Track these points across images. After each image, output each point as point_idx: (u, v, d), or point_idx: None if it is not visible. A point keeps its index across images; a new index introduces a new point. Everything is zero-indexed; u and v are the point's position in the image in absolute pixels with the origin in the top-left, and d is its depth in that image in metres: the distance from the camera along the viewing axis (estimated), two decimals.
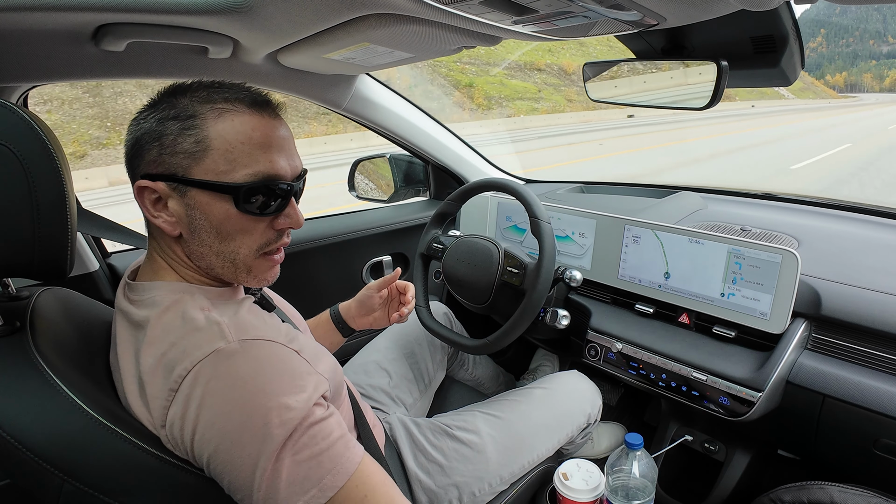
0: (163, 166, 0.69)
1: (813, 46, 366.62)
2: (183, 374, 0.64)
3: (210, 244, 0.73)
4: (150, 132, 0.69)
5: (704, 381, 1.16)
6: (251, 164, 0.70)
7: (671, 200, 1.70)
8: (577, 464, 1.11)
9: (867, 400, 1.00)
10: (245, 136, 0.69)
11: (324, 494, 0.64)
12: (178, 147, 0.68)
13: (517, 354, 2.01)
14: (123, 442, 0.64)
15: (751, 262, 1.16)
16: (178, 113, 0.69)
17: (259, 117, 0.71)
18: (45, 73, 1.03)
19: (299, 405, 0.64)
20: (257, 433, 0.61)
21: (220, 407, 0.62)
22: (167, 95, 0.72)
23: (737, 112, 28.00)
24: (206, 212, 0.70)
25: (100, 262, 1.31)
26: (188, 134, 0.68)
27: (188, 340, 0.66)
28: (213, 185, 0.69)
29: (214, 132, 0.69)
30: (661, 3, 0.73)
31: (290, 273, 1.63)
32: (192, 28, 0.98)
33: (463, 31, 0.94)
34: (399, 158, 1.94)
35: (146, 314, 0.70)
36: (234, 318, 0.72)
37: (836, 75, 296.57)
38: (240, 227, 0.72)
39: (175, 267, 0.76)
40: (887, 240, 1.34)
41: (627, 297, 1.44)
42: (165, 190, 0.70)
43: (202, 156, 0.68)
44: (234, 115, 0.70)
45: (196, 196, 0.70)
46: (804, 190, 8.17)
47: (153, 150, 0.69)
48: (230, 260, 0.74)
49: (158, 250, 0.76)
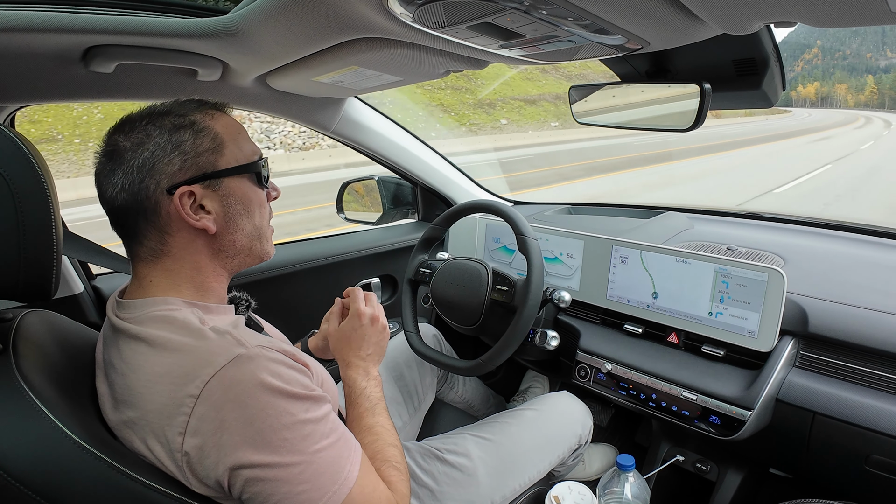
0: (191, 170, 0.74)
1: (808, 58, 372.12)
2: (206, 379, 0.64)
3: (242, 226, 0.80)
4: (162, 148, 0.73)
5: (694, 401, 1.16)
6: (248, 148, 0.81)
7: (658, 221, 1.72)
8: (568, 486, 1.10)
9: (857, 416, 1.00)
10: (235, 128, 0.80)
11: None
12: (200, 149, 0.75)
13: (507, 376, 2.00)
14: (110, 469, 0.62)
15: (738, 280, 1.17)
16: (181, 123, 0.75)
17: (229, 115, 0.83)
18: (34, 94, 1.03)
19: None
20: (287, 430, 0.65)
21: (253, 407, 0.64)
22: (147, 120, 0.75)
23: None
24: (239, 194, 0.79)
25: (85, 285, 1.29)
26: (202, 136, 0.76)
27: (204, 349, 0.67)
28: (239, 168, 0.79)
29: (220, 129, 0.78)
30: (645, 28, 0.74)
31: (279, 295, 1.62)
32: (181, 51, 0.98)
33: (451, 54, 0.95)
34: (387, 180, 1.94)
35: (146, 328, 0.70)
36: (238, 331, 0.72)
37: (807, 86, 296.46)
38: (258, 201, 0.82)
39: (178, 283, 0.77)
40: (872, 257, 1.36)
41: (616, 317, 1.44)
42: (202, 191, 0.75)
43: (222, 149, 0.77)
44: (219, 116, 0.80)
45: (228, 184, 0.78)
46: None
47: (174, 161, 0.73)
48: (257, 235, 0.83)
49: (167, 270, 0.76)
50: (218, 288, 0.81)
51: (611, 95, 1.20)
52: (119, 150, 0.73)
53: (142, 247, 0.76)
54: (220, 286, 0.82)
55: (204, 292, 0.79)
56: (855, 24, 0.63)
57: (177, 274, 0.77)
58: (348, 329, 1.02)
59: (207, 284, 0.79)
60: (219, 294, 0.81)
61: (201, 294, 0.78)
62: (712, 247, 1.46)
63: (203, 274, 0.79)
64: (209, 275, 0.79)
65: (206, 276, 0.79)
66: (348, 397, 0.95)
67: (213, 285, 0.80)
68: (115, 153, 0.73)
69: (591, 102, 1.25)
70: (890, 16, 0.58)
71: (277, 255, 1.62)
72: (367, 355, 1.00)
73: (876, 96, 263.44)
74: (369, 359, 1.00)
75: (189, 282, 0.77)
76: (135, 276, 0.78)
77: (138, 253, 0.77)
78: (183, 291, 0.77)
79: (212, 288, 0.80)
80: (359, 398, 0.93)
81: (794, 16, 0.65)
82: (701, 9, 0.65)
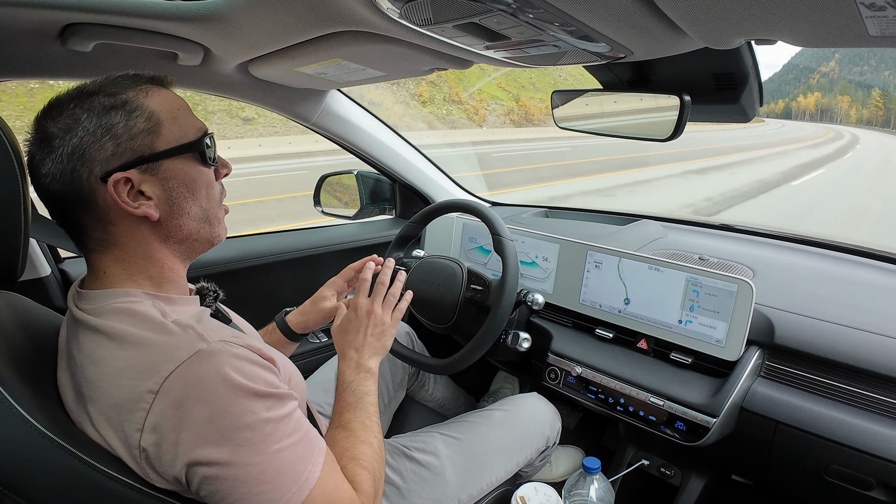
0: (126, 154, 0.70)
1: (825, 72, 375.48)
2: (165, 374, 0.62)
3: (188, 210, 0.76)
4: (92, 133, 0.68)
5: (661, 406, 1.18)
6: (190, 125, 0.76)
7: (633, 228, 1.74)
8: (535, 487, 1.10)
9: (818, 427, 1.03)
10: (174, 104, 0.75)
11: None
12: (133, 131, 0.70)
13: (478, 376, 2.01)
14: (71, 458, 0.60)
15: (708, 290, 1.19)
16: (111, 104, 0.69)
17: (169, 90, 0.77)
18: (7, 70, 1.00)
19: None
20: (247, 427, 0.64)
21: (214, 405, 0.62)
22: (75, 103, 0.69)
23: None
24: (181, 176, 0.74)
25: (52, 268, 1.26)
26: (135, 116, 0.70)
27: (165, 343, 0.65)
28: (179, 148, 0.74)
29: (155, 106, 0.72)
30: (629, 37, 0.75)
31: (251, 286, 1.60)
32: (162, 33, 0.96)
33: (436, 53, 0.95)
34: (366, 175, 1.93)
35: (106, 321, 0.68)
36: (202, 324, 0.70)
37: (808, 96, 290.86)
38: (204, 181, 0.77)
39: (133, 274, 0.74)
40: (839, 272, 1.39)
41: (588, 321, 1.45)
42: (139, 176, 0.70)
43: (158, 129, 0.72)
44: (156, 91, 0.74)
45: (168, 166, 0.73)
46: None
47: (106, 146, 0.68)
48: (205, 218, 0.78)
49: (119, 260, 0.73)
50: (175, 278, 0.78)
51: (592, 102, 1.22)
52: (48, 137, 0.68)
53: (87, 238, 0.73)
54: (177, 275, 0.78)
55: (162, 283, 0.76)
56: (834, 46, 0.65)
57: (130, 264, 0.74)
58: (345, 321, 1.02)
59: (163, 274, 0.76)
60: (178, 284, 0.79)
61: (159, 285, 0.76)
62: (685, 256, 1.48)
63: (156, 264, 0.75)
64: (163, 264, 0.76)
65: (159, 265, 0.76)
66: (336, 388, 0.93)
67: (170, 275, 0.77)
68: (44, 140, 0.68)
69: (573, 108, 1.26)
70: (868, 39, 0.60)
71: (251, 246, 1.60)
72: (362, 346, 0.97)
73: (881, 112, 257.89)
74: (363, 352, 0.97)
75: (143, 272, 0.74)
76: (89, 266, 0.75)
77: (86, 244, 0.74)
78: (140, 283, 0.74)
79: (169, 278, 0.77)
80: (344, 391, 0.91)
81: (775, 34, 0.66)
82: (685, 22, 0.66)
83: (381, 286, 1.04)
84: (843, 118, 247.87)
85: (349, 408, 0.89)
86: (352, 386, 0.92)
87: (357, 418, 0.87)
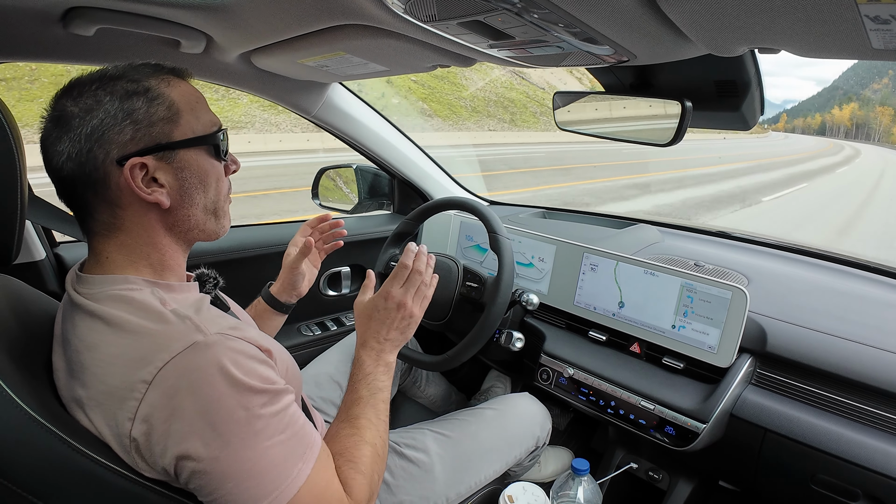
0: (144, 140, 0.70)
1: (877, 88, 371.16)
2: (160, 364, 0.62)
3: (198, 201, 0.77)
4: (113, 115, 0.68)
5: (651, 410, 1.19)
6: (206, 118, 0.77)
7: (630, 232, 1.74)
8: (523, 487, 1.11)
9: (806, 436, 1.03)
10: (193, 96, 0.76)
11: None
12: (153, 118, 0.70)
13: (470, 374, 2.01)
14: (60, 443, 0.60)
15: (702, 296, 1.20)
16: (134, 89, 0.70)
17: (188, 83, 0.78)
18: (9, 52, 0.99)
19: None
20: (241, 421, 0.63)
21: (206, 398, 0.62)
22: (98, 85, 0.69)
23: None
24: (194, 167, 0.75)
25: (47, 252, 1.25)
26: (157, 104, 0.71)
27: (161, 333, 0.65)
28: (196, 139, 0.75)
29: (176, 96, 0.73)
30: (633, 41, 0.75)
31: (249, 276, 1.60)
32: (164, 20, 0.96)
33: (439, 49, 0.95)
34: (365, 170, 1.93)
35: (104, 307, 0.67)
36: (200, 315, 0.70)
37: (843, 108, 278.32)
38: (215, 175, 0.78)
39: (135, 260, 0.74)
40: (832, 283, 1.40)
41: (582, 323, 1.46)
42: (155, 163, 0.71)
43: (177, 118, 0.73)
44: (177, 82, 0.75)
45: (183, 156, 0.74)
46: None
47: (125, 130, 0.69)
48: (212, 210, 0.79)
49: (122, 245, 0.73)
50: (176, 266, 0.78)
51: (594, 105, 1.22)
52: (66, 116, 0.68)
53: (93, 220, 0.72)
54: (178, 263, 0.78)
55: (163, 270, 0.76)
56: (837, 57, 0.65)
57: (133, 250, 0.73)
58: (371, 307, 0.97)
59: (165, 262, 0.76)
60: (178, 272, 0.78)
61: (160, 272, 0.76)
62: (680, 261, 1.48)
63: (159, 251, 0.75)
64: (166, 251, 0.76)
65: (162, 252, 0.76)
66: (351, 377, 0.91)
67: (171, 263, 0.77)
68: (61, 119, 0.68)
69: (574, 111, 1.26)
70: (871, 52, 0.60)
71: (249, 237, 1.60)
72: (385, 339, 0.95)
73: None
74: (387, 343, 0.95)
75: (145, 259, 0.74)
76: (91, 250, 0.75)
77: (91, 227, 0.73)
78: (142, 269, 0.74)
79: (170, 266, 0.77)
80: (359, 383, 0.89)
81: (779, 43, 0.66)
82: (690, 28, 0.66)
83: (417, 275, 0.98)
84: (882, 136, 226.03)
85: (360, 402, 0.87)
86: (368, 379, 0.90)
87: (366, 414, 0.86)
